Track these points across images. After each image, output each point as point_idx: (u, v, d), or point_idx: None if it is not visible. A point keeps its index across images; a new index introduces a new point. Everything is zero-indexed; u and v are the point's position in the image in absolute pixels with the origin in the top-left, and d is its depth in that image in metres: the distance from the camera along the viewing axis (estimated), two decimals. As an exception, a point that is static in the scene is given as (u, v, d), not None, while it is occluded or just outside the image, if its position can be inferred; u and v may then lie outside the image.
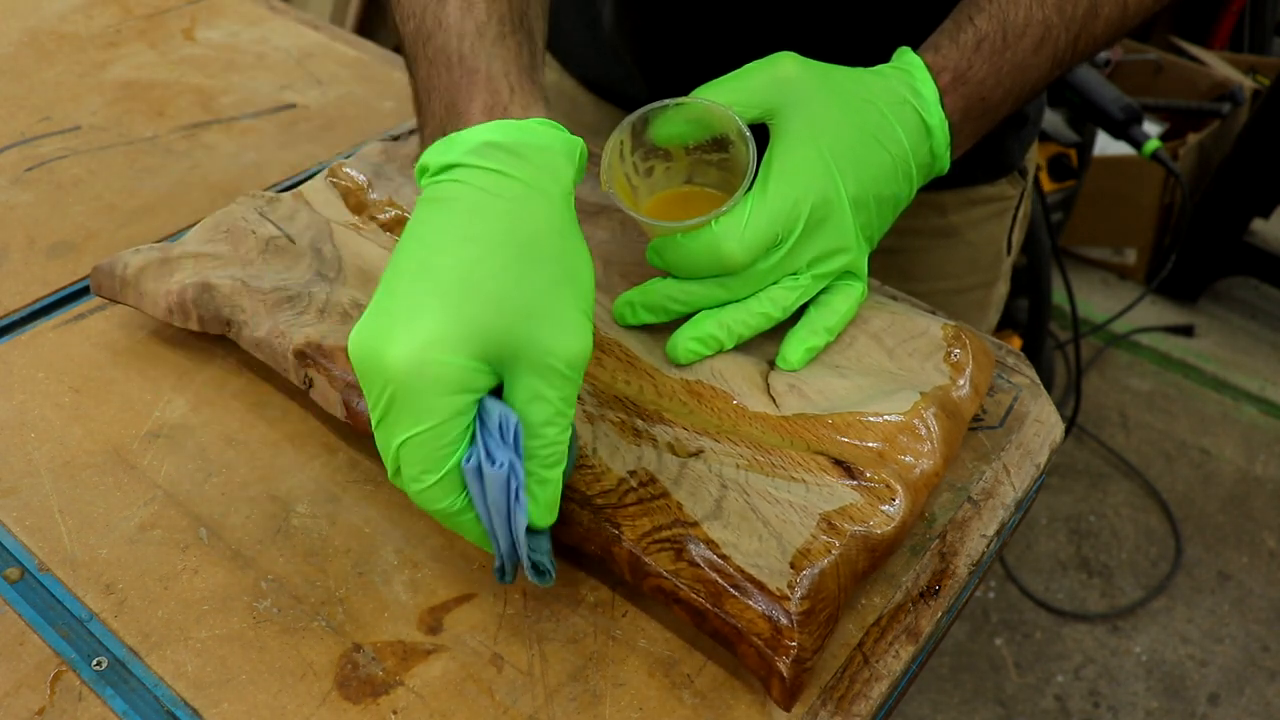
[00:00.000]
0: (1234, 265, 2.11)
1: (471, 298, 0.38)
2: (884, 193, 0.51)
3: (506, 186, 0.40)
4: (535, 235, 0.40)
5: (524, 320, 0.38)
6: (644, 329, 0.52)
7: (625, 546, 0.42)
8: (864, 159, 0.50)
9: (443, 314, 0.37)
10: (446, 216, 0.40)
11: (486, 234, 0.39)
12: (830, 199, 0.49)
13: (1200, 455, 1.87)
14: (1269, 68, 2.23)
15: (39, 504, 0.47)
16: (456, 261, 0.38)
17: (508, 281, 0.38)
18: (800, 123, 0.49)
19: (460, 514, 0.40)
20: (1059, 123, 1.57)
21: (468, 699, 0.41)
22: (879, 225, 0.53)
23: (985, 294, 0.84)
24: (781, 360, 0.51)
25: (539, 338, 0.39)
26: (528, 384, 0.39)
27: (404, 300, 0.38)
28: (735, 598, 0.40)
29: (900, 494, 0.44)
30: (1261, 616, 1.61)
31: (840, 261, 0.50)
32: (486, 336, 0.38)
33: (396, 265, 0.39)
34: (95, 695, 0.40)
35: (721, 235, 0.47)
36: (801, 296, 0.50)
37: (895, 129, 0.51)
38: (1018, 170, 0.79)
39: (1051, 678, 1.53)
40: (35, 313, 0.57)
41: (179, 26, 0.84)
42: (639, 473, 0.44)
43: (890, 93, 0.51)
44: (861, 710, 0.42)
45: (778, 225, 0.48)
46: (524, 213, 0.40)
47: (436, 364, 0.37)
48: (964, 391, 0.50)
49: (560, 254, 0.40)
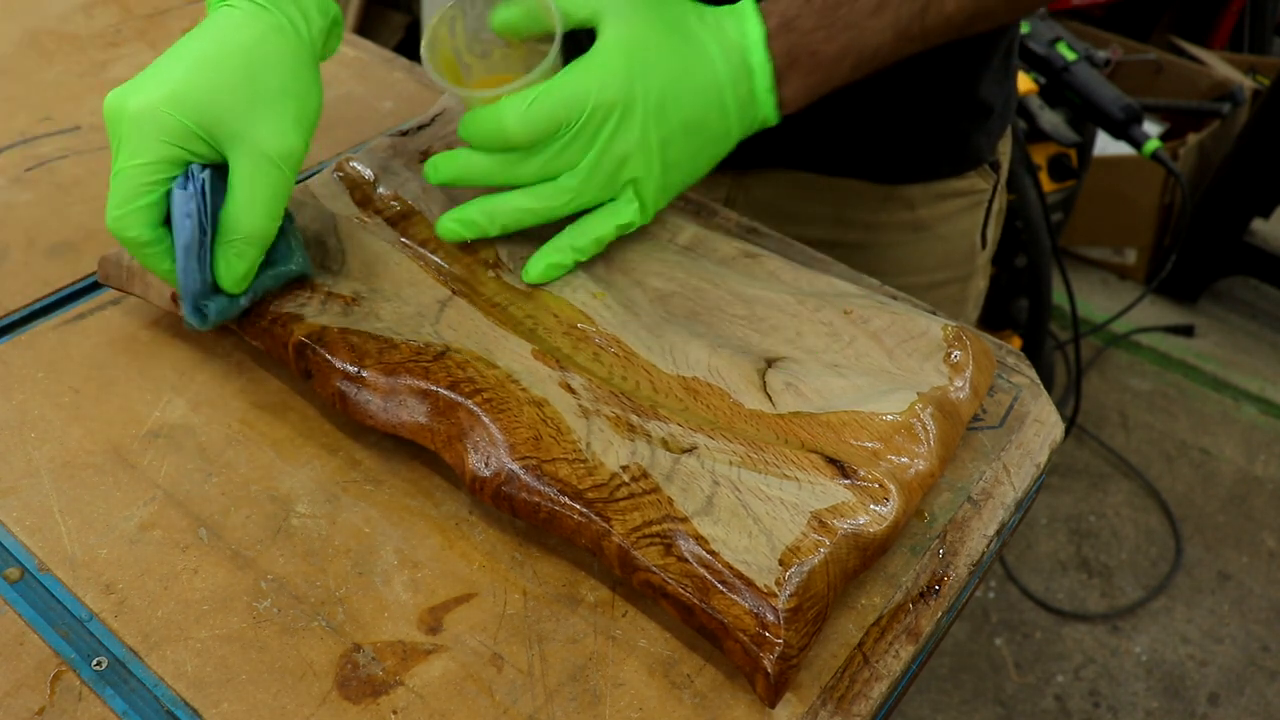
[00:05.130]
0: (1234, 265, 2.11)
1: (206, 79, 0.47)
2: (692, 117, 0.53)
3: (259, 16, 0.49)
4: (271, 56, 0.49)
5: (247, 110, 0.47)
6: (643, 329, 0.52)
7: (615, 540, 0.42)
8: (674, 76, 0.52)
9: (178, 84, 0.47)
10: (208, 28, 0.49)
11: (233, 42, 0.48)
12: (626, 102, 0.51)
13: (1200, 455, 1.87)
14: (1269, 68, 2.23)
15: (39, 504, 0.47)
16: (203, 55, 0.48)
17: (239, 77, 0.48)
18: (617, 29, 0.52)
19: (148, 246, 0.48)
20: (1059, 123, 1.57)
21: (468, 699, 0.41)
22: (686, 153, 0.54)
23: (961, 289, 0.84)
24: (523, 273, 0.54)
25: (257, 130, 0.48)
26: (242, 164, 0.48)
27: (152, 72, 0.48)
28: (722, 593, 0.40)
29: (893, 494, 0.44)
30: (1261, 616, 1.61)
31: (626, 172, 0.52)
32: (210, 110, 0.47)
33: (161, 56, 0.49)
34: (95, 695, 0.40)
35: (506, 109, 0.50)
36: (572, 200, 0.53)
37: (715, 59, 0.53)
38: (988, 163, 0.79)
39: (1051, 678, 1.53)
40: (35, 313, 0.57)
41: (179, 26, 0.84)
42: (631, 467, 0.44)
43: (718, 27, 0.54)
44: (861, 710, 0.42)
45: (561, 111, 0.50)
46: (268, 38, 0.49)
47: (162, 114, 0.46)
48: (963, 392, 0.50)
49: (292, 77, 0.49)
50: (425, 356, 0.48)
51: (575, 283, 0.55)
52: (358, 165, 0.60)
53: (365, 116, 0.75)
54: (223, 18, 0.49)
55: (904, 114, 0.72)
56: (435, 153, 0.61)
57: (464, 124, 0.53)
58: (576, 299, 0.54)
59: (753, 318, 0.54)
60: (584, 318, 0.53)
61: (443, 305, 0.53)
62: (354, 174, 0.60)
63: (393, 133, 0.63)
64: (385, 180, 0.59)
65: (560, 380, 0.48)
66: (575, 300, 0.54)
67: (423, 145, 0.62)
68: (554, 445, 0.45)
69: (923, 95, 0.72)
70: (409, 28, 2.19)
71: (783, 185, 0.76)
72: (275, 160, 0.48)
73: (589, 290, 0.54)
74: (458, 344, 0.50)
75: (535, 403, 0.46)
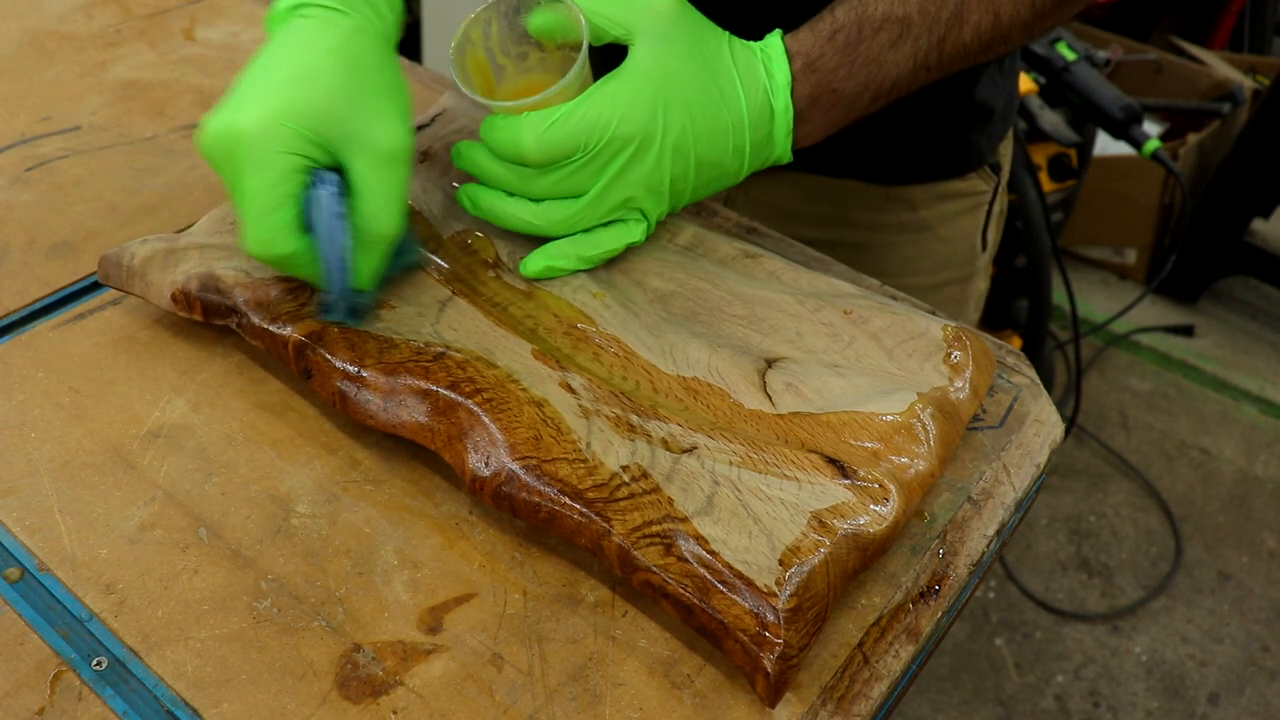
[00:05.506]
0: (1234, 265, 2.11)
1: (311, 87, 0.47)
2: (708, 156, 0.53)
3: (339, 20, 0.49)
4: (362, 56, 0.49)
5: (353, 113, 0.47)
6: (643, 329, 0.52)
7: (615, 540, 0.42)
8: (699, 114, 0.52)
9: (285, 96, 0.46)
10: (289, 39, 0.48)
11: (323, 48, 0.48)
12: (645, 136, 0.51)
13: (1200, 455, 1.87)
14: (1269, 68, 2.23)
15: (39, 504, 0.47)
16: (296, 65, 0.47)
17: (339, 80, 0.47)
18: (650, 56, 0.51)
19: (298, 257, 0.48)
20: (1059, 123, 1.57)
21: (468, 699, 0.41)
22: (693, 187, 0.54)
23: (961, 290, 0.84)
24: (521, 264, 0.54)
25: (367, 130, 0.47)
26: (360, 167, 0.48)
27: (251, 91, 0.47)
28: (723, 593, 0.40)
29: (893, 494, 0.44)
30: (1261, 616, 1.61)
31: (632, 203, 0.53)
32: (321, 116, 0.46)
33: (246, 75, 0.48)
34: (95, 695, 0.40)
35: (524, 126, 0.50)
36: (571, 224, 0.53)
37: (740, 100, 0.53)
38: (989, 165, 0.79)
39: (1051, 678, 1.53)
40: (35, 313, 0.57)
41: (179, 26, 0.84)
42: (631, 467, 0.44)
43: (749, 66, 0.53)
44: (861, 710, 0.42)
45: (580, 136, 0.50)
46: (354, 39, 0.49)
47: (279, 128, 0.46)
48: (963, 393, 0.50)
49: (382, 73, 0.49)
50: (425, 356, 0.48)
51: (575, 283, 0.55)
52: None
53: (365, 116, 0.75)
54: (302, 27, 0.49)
55: (905, 116, 0.72)
56: (435, 152, 0.61)
57: (485, 127, 0.52)
58: (577, 299, 0.54)
59: (753, 318, 0.54)
60: (584, 318, 0.53)
61: (443, 305, 0.53)
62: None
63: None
64: (385, 180, 0.60)
65: (560, 380, 0.48)
66: (575, 300, 0.54)
67: (423, 145, 0.62)
68: (554, 445, 0.45)
69: (924, 97, 0.72)
70: (409, 28, 2.19)
71: (784, 186, 0.76)
72: (394, 157, 0.48)
73: (589, 290, 0.54)
74: (458, 344, 0.50)
75: (535, 403, 0.46)
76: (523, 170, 0.52)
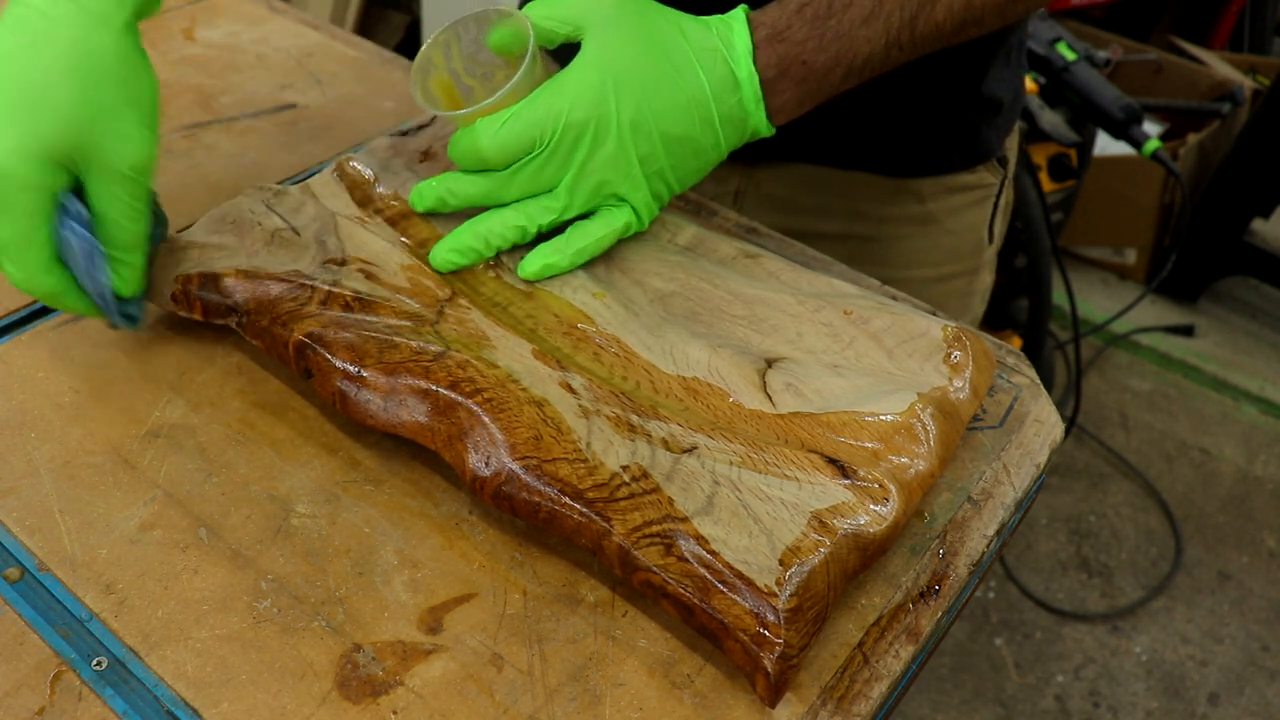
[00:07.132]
0: (1234, 265, 2.11)
1: (40, 116, 0.45)
2: (674, 131, 0.53)
3: (68, 12, 0.46)
4: (96, 61, 0.46)
5: (90, 132, 0.46)
6: (643, 329, 0.52)
7: (615, 540, 0.42)
8: (653, 91, 0.52)
9: (17, 130, 0.45)
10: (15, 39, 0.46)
11: (52, 58, 0.45)
12: (599, 121, 0.51)
13: (1200, 455, 1.87)
14: (1269, 68, 2.23)
15: (39, 504, 0.47)
16: (25, 85, 0.45)
17: (72, 100, 0.45)
18: (595, 45, 0.52)
19: (66, 293, 0.49)
20: (1059, 123, 1.57)
21: (468, 699, 0.41)
22: (670, 165, 0.54)
23: (968, 283, 0.84)
24: (519, 267, 0.55)
25: (105, 148, 0.46)
26: (100, 186, 0.47)
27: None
28: (723, 593, 0.40)
29: (893, 494, 0.44)
30: (1261, 616, 1.61)
31: (607, 188, 0.53)
32: (56, 145, 0.45)
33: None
34: (95, 695, 0.40)
35: (480, 130, 0.51)
36: (560, 214, 0.54)
37: (697, 72, 0.53)
38: (996, 158, 0.80)
39: (1051, 678, 1.53)
40: (35, 313, 0.57)
41: (179, 26, 0.84)
42: (631, 467, 0.44)
43: (703, 39, 0.54)
44: (861, 710, 0.42)
45: (534, 129, 0.51)
46: (86, 38, 0.46)
47: (15, 170, 0.45)
48: (963, 393, 0.50)
49: (121, 75, 0.47)
50: (425, 356, 0.48)
51: (575, 283, 0.55)
52: (358, 165, 0.60)
53: (365, 116, 0.75)
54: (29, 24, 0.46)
55: (914, 108, 0.73)
56: (435, 153, 0.61)
57: (450, 144, 0.54)
58: (577, 299, 0.54)
59: (753, 318, 0.54)
60: (584, 318, 0.53)
61: (443, 305, 0.53)
62: (354, 174, 0.60)
63: (393, 133, 0.63)
64: (385, 180, 0.60)
65: (560, 380, 0.48)
66: (575, 300, 0.54)
67: (423, 145, 0.62)
68: (554, 445, 0.45)
69: (932, 90, 0.72)
70: (409, 28, 2.19)
71: (793, 178, 0.76)
72: (130, 175, 0.47)
73: (589, 290, 0.54)
74: (458, 344, 0.50)
75: (535, 402, 0.46)
76: (494, 176, 0.53)
